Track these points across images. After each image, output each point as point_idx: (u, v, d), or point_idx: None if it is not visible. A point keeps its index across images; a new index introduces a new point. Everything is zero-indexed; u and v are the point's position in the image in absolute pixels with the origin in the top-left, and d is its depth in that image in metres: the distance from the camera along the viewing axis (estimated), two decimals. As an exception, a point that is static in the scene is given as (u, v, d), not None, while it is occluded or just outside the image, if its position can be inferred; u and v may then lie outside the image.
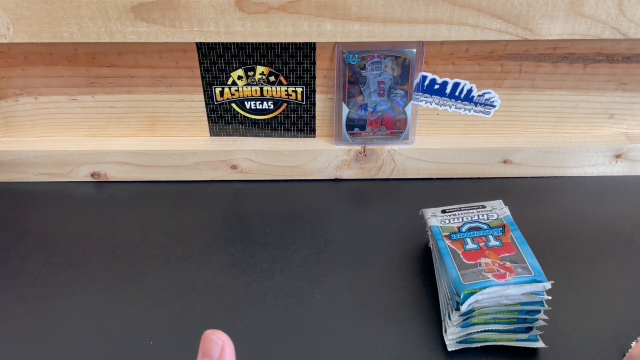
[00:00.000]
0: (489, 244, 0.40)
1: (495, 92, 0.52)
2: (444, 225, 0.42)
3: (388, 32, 0.45)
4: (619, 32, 0.45)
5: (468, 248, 0.39)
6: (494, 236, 0.41)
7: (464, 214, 0.43)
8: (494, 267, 0.37)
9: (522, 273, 0.36)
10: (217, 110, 0.52)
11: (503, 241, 0.40)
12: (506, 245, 0.40)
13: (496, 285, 0.36)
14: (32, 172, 0.54)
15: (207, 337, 0.27)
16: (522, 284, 0.36)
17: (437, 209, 0.44)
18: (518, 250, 0.39)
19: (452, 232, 0.41)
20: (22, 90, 0.51)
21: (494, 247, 0.40)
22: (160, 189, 0.54)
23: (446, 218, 0.43)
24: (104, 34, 0.44)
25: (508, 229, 0.41)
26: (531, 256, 0.38)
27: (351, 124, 0.52)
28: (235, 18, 0.44)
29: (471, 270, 0.37)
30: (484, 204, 0.44)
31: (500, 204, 0.44)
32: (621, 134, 0.55)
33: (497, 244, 0.40)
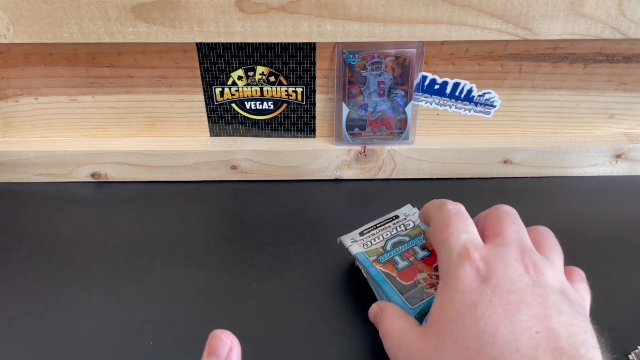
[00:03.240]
0: (418, 257, 0.38)
1: (496, 92, 0.52)
2: (368, 250, 0.40)
3: (388, 32, 0.45)
4: (619, 32, 0.45)
5: (400, 267, 0.38)
6: (419, 246, 0.39)
7: (382, 231, 0.41)
8: (432, 280, 0.36)
9: None
10: (217, 111, 0.52)
11: (429, 249, 0.39)
12: (434, 253, 0.38)
13: None
14: (32, 172, 0.54)
15: (215, 335, 0.27)
16: None
17: (355, 233, 0.42)
18: None
19: (378, 254, 0.39)
20: (22, 90, 0.51)
21: (423, 258, 0.38)
22: (160, 189, 0.54)
23: (367, 240, 0.41)
24: (104, 34, 0.44)
25: (428, 235, 0.39)
26: None
27: (351, 124, 0.52)
28: (235, 18, 0.44)
29: (412, 291, 0.36)
30: (396, 214, 0.43)
31: (410, 209, 0.43)
32: (621, 134, 0.55)
33: (425, 254, 0.39)
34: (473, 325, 0.27)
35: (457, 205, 0.35)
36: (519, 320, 0.27)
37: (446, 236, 0.32)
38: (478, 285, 0.29)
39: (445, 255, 0.31)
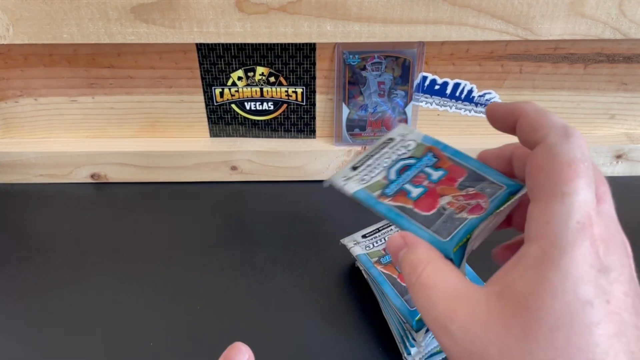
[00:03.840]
0: (433, 178, 0.30)
1: (496, 92, 0.51)
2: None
3: (388, 32, 0.45)
4: (619, 33, 0.45)
5: (415, 196, 0.29)
6: (431, 167, 0.30)
7: (378, 159, 0.32)
8: (461, 202, 0.28)
9: (493, 193, 0.28)
10: (217, 111, 0.52)
11: (444, 167, 0.30)
12: (452, 170, 0.30)
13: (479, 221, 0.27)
14: (32, 173, 0.54)
15: (236, 346, 0.27)
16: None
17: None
18: (468, 168, 0.29)
19: (382, 187, 0.30)
20: (22, 91, 0.51)
21: (440, 178, 0.29)
22: (160, 190, 0.54)
23: (363, 175, 0.32)
24: (103, 35, 0.44)
25: (438, 150, 0.31)
26: (485, 167, 0.29)
27: (351, 124, 0.52)
28: (235, 19, 0.43)
29: (439, 221, 0.27)
30: (389, 137, 0.33)
31: (405, 128, 0.34)
32: (622, 134, 0.55)
33: (441, 174, 0.30)
34: (584, 334, 0.20)
35: (584, 141, 0.23)
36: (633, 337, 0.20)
37: (573, 189, 0.21)
38: (595, 275, 0.20)
39: (561, 215, 0.21)
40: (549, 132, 0.23)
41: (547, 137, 0.22)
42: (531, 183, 0.22)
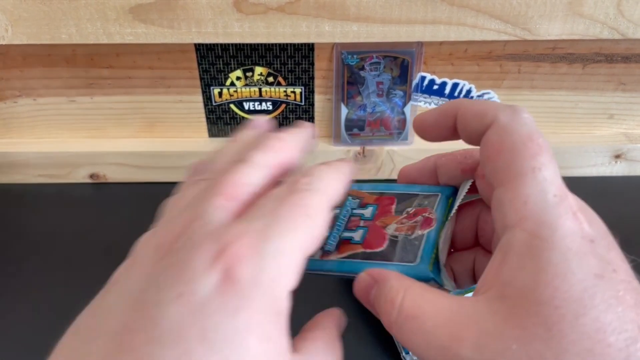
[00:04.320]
0: (368, 216, 0.27)
1: (495, 92, 0.51)
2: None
3: (386, 32, 0.45)
4: (617, 32, 0.45)
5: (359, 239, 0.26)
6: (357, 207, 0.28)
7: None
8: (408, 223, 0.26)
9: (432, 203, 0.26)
10: (216, 111, 0.52)
11: (370, 202, 0.28)
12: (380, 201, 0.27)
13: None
14: (30, 173, 0.54)
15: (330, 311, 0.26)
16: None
17: None
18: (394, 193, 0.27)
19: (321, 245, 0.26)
20: (20, 91, 0.51)
21: (374, 213, 0.27)
22: (159, 190, 0.54)
23: None
24: (102, 35, 0.44)
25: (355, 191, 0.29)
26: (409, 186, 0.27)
27: (350, 124, 0.52)
28: (234, 19, 0.43)
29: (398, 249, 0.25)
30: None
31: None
32: (621, 134, 0.55)
33: (372, 210, 0.27)
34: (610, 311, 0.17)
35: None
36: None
37: (541, 162, 0.20)
38: (590, 246, 0.18)
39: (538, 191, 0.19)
40: (498, 113, 0.21)
41: (497, 118, 0.21)
42: (492, 168, 0.20)
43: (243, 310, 0.16)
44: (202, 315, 0.16)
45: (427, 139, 0.25)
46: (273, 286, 0.17)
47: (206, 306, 0.16)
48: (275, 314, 0.17)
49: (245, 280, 0.17)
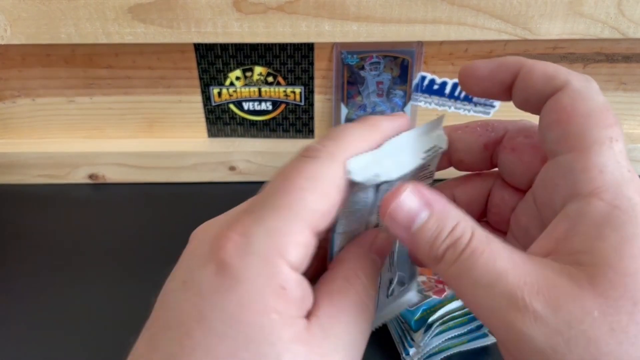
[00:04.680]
0: None
1: (495, 92, 0.51)
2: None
3: (387, 32, 0.44)
4: (618, 32, 0.45)
5: None
6: None
7: None
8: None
9: None
10: (215, 112, 0.52)
11: None
12: None
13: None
14: (29, 173, 0.54)
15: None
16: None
17: None
18: None
19: None
20: (19, 91, 0.51)
21: None
22: (158, 191, 0.54)
23: None
24: (101, 35, 0.44)
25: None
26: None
27: (350, 124, 0.52)
28: (233, 19, 0.43)
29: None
30: None
31: None
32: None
33: None
34: None
35: None
36: None
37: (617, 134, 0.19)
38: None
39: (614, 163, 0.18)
40: (570, 77, 0.20)
41: (569, 82, 0.19)
42: (560, 133, 0.19)
43: (235, 288, 0.17)
44: (200, 299, 0.17)
45: (472, 92, 0.22)
46: (267, 263, 0.18)
47: (204, 291, 0.18)
48: (276, 288, 0.17)
49: (235, 263, 0.17)
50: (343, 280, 0.20)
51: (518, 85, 0.21)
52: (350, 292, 0.20)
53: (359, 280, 0.20)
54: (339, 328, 0.18)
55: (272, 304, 0.17)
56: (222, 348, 0.17)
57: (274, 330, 0.17)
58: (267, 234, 0.18)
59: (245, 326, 0.17)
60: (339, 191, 0.19)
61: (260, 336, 0.17)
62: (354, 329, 0.19)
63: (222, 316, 0.17)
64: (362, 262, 0.21)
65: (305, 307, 0.18)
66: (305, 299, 0.18)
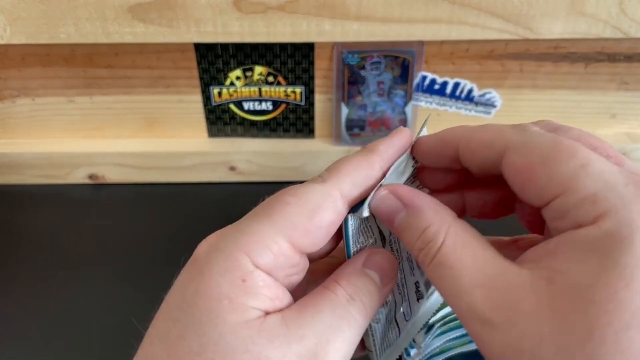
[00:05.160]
0: None
1: (496, 91, 0.51)
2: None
3: (387, 31, 0.44)
4: (620, 31, 0.45)
5: None
6: None
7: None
8: None
9: None
10: (215, 111, 0.52)
11: None
12: None
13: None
14: (29, 174, 0.54)
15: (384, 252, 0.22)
16: None
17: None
18: None
19: None
20: (19, 91, 0.51)
21: None
22: (158, 191, 0.54)
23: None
24: (101, 34, 0.44)
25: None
26: None
27: (351, 124, 0.52)
28: (233, 18, 0.43)
29: None
30: None
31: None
32: (623, 133, 0.55)
33: None
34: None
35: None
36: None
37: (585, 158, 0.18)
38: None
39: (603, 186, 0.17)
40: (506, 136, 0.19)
41: (509, 141, 0.19)
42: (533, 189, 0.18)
43: (196, 279, 0.19)
44: (169, 295, 0.20)
45: (428, 165, 0.23)
46: (230, 257, 0.19)
47: (174, 288, 0.20)
48: (234, 279, 0.18)
49: (202, 257, 0.19)
50: (321, 287, 0.20)
51: (463, 160, 0.21)
52: (325, 294, 0.20)
53: (338, 285, 0.20)
54: (302, 320, 0.19)
55: (225, 292, 0.18)
56: (174, 331, 0.18)
57: (221, 314, 0.18)
58: (238, 234, 0.19)
59: (196, 310, 0.18)
60: (328, 213, 0.20)
61: (206, 318, 0.18)
62: (322, 327, 0.19)
63: (180, 304, 0.19)
64: (346, 272, 0.21)
65: (276, 305, 0.19)
66: (278, 299, 0.19)
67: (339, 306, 0.19)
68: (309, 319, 0.19)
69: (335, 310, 0.19)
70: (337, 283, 0.20)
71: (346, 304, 0.20)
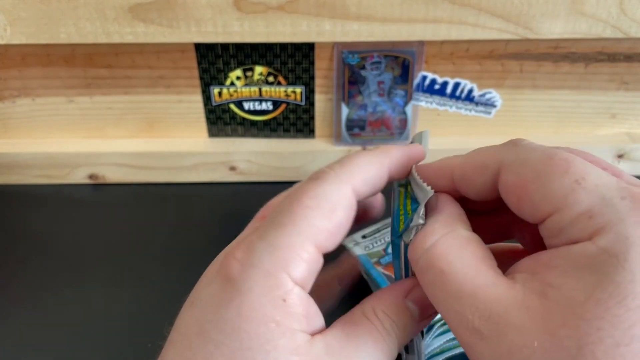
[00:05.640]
0: None
1: (496, 91, 0.51)
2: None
3: (387, 31, 0.44)
4: (620, 31, 0.45)
5: None
6: None
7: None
8: None
9: None
10: (216, 111, 0.52)
11: None
12: None
13: None
14: (29, 174, 0.54)
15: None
16: None
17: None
18: None
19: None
20: (19, 91, 0.51)
21: None
22: (158, 191, 0.54)
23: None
24: (101, 34, 0.44)
25: None
26: None
27: (351, 124, 0.52)
28: (234, 18, 0.43)
29: None
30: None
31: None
32: (623, 133, 0.55)
33: None
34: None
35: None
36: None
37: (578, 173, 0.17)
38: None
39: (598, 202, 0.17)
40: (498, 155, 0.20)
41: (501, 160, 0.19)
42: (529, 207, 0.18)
43: (234, 300, 0.18)
44: (202, 313, 0.19)
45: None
46: (268, 276, 0.18)
47: (206, 306, 0.19)
48: (276, 299, 0.18)
49: (238, 276, 0.18)
50: (360, 313, 0.20)
51: (461, 189, 0.21)
52: (365, 325, 0.20)
53: (376, 317, 0.20)
54: (346, 351, 0.19)
55: (270, 314, 0.18)
56: (218, 355, 0.17)
57: (272, 339, 0.17)
58: (271, 248, 0.19)
59: (242, 333, 0.17)
60: (345, 211, 0.20)
61: (256, 344, 0.17)
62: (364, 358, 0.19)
63: (221, 326, 0.18)
64: (386, 302, 0.21)
65: (310, 324, 0.19)
66: (310, 316, 0.19)
67: (379, 340, 0.20)
68: (353, 349, 0.19)
69: (377, 344, 0.20)
70: (375, 315, 0.20)
71: (386, 336, 0.20)
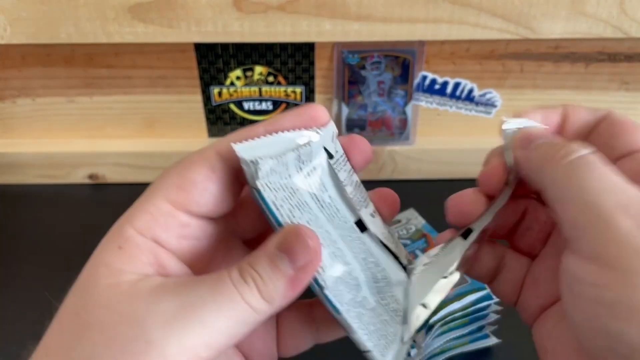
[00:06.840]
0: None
1: (497, 91, 0.51)
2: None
3: (388, 31, 0.44)
4: (620, 31, 0.45)
5: None
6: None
7: None
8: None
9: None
10: (216, 111, 0.52)
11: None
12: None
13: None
14: (29, 174, 0.54)
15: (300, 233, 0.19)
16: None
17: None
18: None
19: None
20: (19, 91, 0.51)
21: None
22: (158, 191, 0.54)
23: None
24: (101, 34, 0.44)
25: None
26: None
27: (351, 124, 0.52)
28: (234, 18, 0.43)
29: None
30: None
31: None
32: (624, 133, 0.55)
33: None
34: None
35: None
36: None
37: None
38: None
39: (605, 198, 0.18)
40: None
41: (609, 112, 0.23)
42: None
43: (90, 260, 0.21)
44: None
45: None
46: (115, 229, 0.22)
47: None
48: (113, 247, 0.20)
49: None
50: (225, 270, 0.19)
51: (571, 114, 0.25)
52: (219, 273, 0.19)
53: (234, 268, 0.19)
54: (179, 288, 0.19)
55: (103, 260, 0.20)
56: (66, 302, 0.21)
57: (98, 279, 0.19)
58: (128, 210, 0.21)
59: (79, 280, 0.20)
60: (201, 168, 0.21)
61: (83, 284, 0.20)
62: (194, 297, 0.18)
63: (76, 282, 0.20)
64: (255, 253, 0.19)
65: (155, 271, 0.20)
66: (156, 264, 0.20)
67: (223, 285, 0.18)
68: (185, 286, 0.18)
69: (217, 287, 0.18)
70: (236, 267, 0.19)
71: (236, 284, 0.18)
